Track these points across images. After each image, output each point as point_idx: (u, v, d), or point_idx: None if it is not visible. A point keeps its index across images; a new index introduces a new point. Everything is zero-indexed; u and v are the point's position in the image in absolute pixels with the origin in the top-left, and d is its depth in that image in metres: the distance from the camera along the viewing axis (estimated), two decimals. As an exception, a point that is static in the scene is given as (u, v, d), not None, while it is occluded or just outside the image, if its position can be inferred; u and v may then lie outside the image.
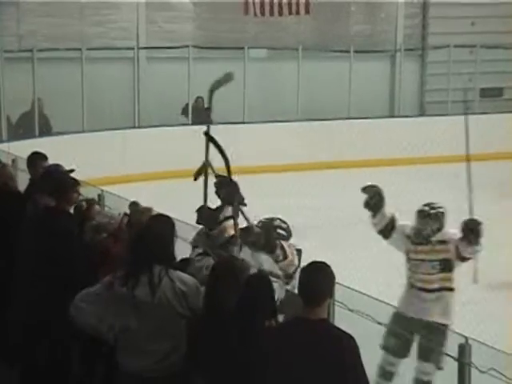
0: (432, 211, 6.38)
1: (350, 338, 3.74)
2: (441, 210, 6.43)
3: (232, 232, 5.27)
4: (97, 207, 6.09)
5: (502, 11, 17.52)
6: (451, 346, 4.03)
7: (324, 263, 3.94)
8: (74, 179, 6.32)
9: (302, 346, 3.67)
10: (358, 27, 17.60)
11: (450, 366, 4.04)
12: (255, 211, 5.42)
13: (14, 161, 8.53)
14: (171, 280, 4.33)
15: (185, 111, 15.75)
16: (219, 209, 5.56)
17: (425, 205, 6.49)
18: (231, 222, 5.31)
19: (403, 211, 11.50)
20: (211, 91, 6.08)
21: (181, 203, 6.17)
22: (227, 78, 6.23)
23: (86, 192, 7.02)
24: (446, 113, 17.16)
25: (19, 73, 14.03)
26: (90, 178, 9.86)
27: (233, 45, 15.98)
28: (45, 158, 6.93)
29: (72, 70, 14.55)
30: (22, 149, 10.16)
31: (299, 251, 5.51)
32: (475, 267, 8.97)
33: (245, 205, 5.50)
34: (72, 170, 6.71)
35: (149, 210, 5.35)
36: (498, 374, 3.69)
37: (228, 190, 5.50)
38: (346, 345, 3.69)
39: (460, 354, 3.94)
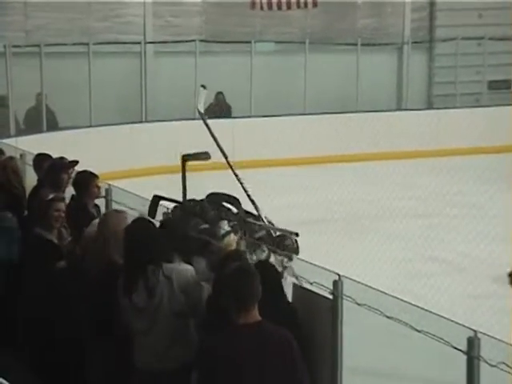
0: None
1: (288, 333, 3.80)
2: None
3: (235, 245, 5.30)
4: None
5: (509, 3, 17.44)
6: (460, 340, 4.01)
7: (247, 264, 4.00)
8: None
9: (249, 351, 3.69)
10: (365, 20, 17.55)
11: (459, 360, 4.02)
12: (266, 207, 5.45)
13: (22, 156, 8.54)
14: (168, 278, 4.31)
15: (208, 111, 15.78)
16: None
17: None
18: (232, 236, 5.35)
19: (411, 203, 11.54)
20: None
21: (188, 197, 6.17)
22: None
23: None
24: (454, 105, 17.14)
25: (27, 68, 14.04)
26: (97, 172, 9.85)
27: (240, 39, 15.97)
28: (50, 157, 6.97)
29: (79, 65, 14.56)
30: (30, 144, 10.19)
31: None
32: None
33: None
34: (76, 162, 6.78)
35: (124, 213, 5.32)
36: (508, 368, 3.67)
37: (214, 213, 5.53)
38: (290, 342, 3.76)
39: (469, 347, 3.92)
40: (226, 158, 6.39)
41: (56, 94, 14.41)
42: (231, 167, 6.35)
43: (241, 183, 6.23)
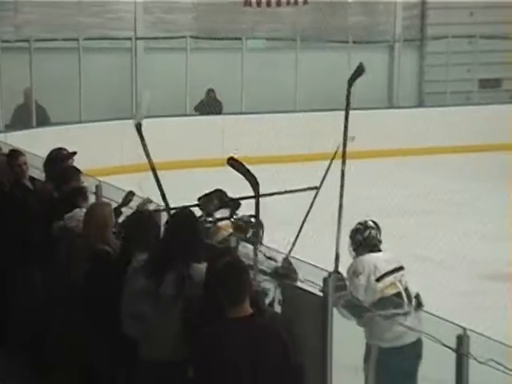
0: None
1: (277, 325, 3.88)
2: None
3: (228, 232, 5.28)
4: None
5: (500, 1, 17.47)
6: (449, 337, 4.01)
7: (238, 260, 4.04)
8: (75, 168, 6.37)
9: (241, 345, 3.72)
10: (357, 18, 17.54)
11: (448, 357, 4.03)
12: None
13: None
14: (190, 278, 4.33)
15: (198, 107, 15.77)
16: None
17: None
18: (227, 221, 5.33)
19: (401, 201, 11.54)
20: (139, 125, 6.12)
21: (176, 194, 6.16)
22: (146, 97, 6.34)
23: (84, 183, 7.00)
24: (445, 103, 17.16)
25: (16, 63, 13.98)
26: (88, 168, 9.82)
27: (231, 35, 15.94)
28: (23, 154, 7.00)
29: (69, 60, 14.50)
30: (20, 139, 10.16)
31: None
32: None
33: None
34: (74, 153, 6.82)
35: (109, 205, 5.35)
36: (496, 365, 3.68)
37: (221, 199, 5.49)
38: (282, 334, 3.80)
39: (458, 344, 3.93)
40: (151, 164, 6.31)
41: (46, 90, 14.35)
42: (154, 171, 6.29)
43: (160, 186, 6.10)
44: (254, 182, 5.12)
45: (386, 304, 5.27)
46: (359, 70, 6.16)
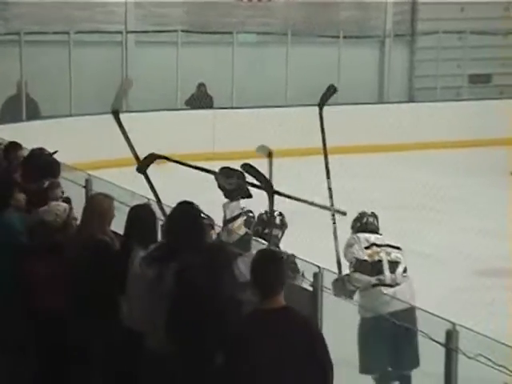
0: None
1: (313, 321, 3.87)
2: None
3: (242, 231, 5.26)
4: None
5: (491, -3, 17.53)
6: (438, 332, 4.03)
7: (273, 251, 4.10)
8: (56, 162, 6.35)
9: (273, 337, 3.70)
10: (348, 13, 17.54)
11: (437, 352, 4.04)
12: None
13: (1, 144, 8.47)
14: (193, 269, 4.31)
15: (189, 102, 15.75)
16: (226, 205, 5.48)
17: None
18: (240, 220, 5.30)
19: (393, 196, 11.56)
20: (116, 112, 6.05)
21: (167, 187, 6.16)
22: (126, 85, 6.24)
23: (74, 177, 7.00)
24: (435, 99, 17.19)
25: (6, 56, 13.92)
26: (78, 162, 9.83)
27: (222, 29, 15.92)
28: (20, 147, 6.96)
29: (60, 54, 14.45)
30: (10, 132, 10.11)
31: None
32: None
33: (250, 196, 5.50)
34: (55, 152, 6.77)
35: (110, 197, 5.34)
36: (485, 360, 3.69)
37: (239, 181, 5.41)
38: (313, 328, 3.80)
39: (447, 339, 3.94)
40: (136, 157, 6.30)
41: (36, 83, 14.30)
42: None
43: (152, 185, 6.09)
44: (268, 188, 5.14)
45: (368, 267, 5.74)
46: (330, 91, 6.20)
